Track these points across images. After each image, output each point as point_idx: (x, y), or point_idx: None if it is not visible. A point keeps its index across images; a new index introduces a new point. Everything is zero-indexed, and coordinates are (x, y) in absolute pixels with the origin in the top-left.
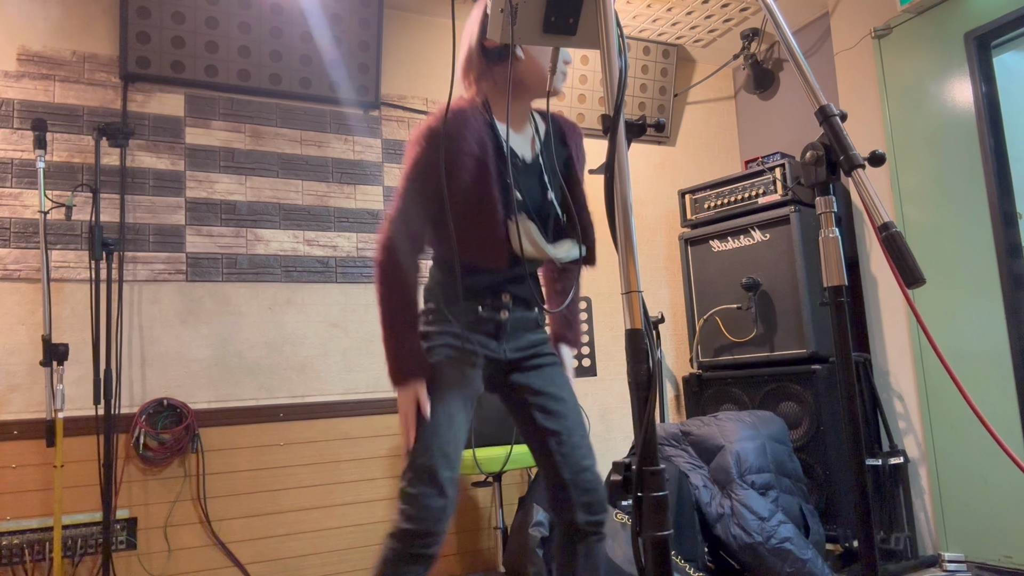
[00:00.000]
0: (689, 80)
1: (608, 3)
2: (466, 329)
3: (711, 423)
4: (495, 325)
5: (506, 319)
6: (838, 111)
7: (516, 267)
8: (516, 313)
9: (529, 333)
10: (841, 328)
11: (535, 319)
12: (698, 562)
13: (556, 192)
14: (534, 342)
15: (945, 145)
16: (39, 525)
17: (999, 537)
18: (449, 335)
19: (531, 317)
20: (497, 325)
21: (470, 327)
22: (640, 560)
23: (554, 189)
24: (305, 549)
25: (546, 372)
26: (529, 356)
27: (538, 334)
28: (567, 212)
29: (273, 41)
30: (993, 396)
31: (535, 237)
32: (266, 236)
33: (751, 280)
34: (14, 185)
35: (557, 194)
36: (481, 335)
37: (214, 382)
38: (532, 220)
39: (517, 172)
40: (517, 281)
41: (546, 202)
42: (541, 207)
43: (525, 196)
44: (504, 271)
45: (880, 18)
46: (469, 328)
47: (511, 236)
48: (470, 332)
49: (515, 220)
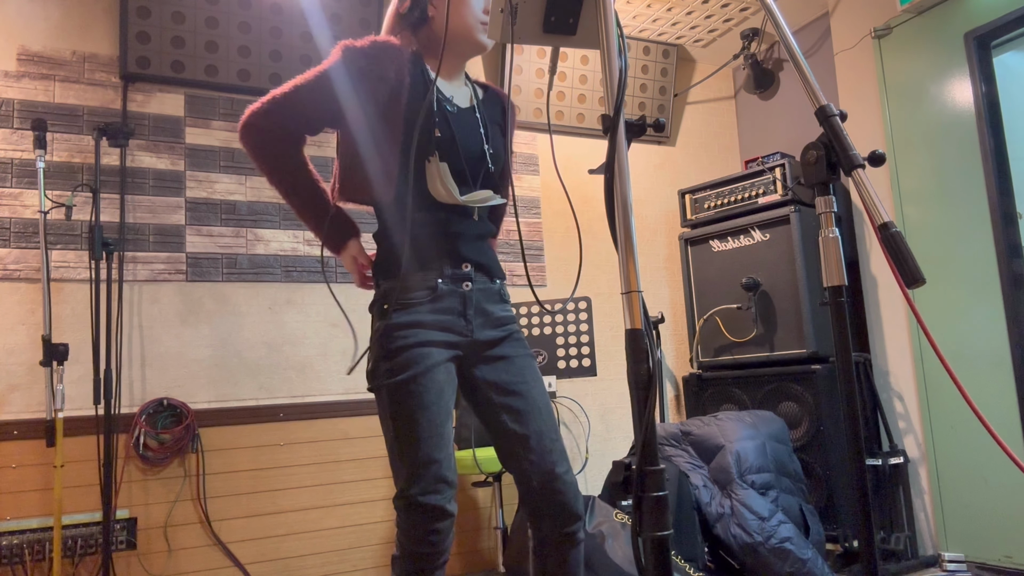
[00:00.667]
0: (689, 80)
1: (608, 3)
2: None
3: (711, 423)
4: (460, 299)
5: (470, 291)
6: (838, 111)
7: (440, 212)
8: (479, 284)
9: (495, 307)
10: (841, 328)
11: (498, 291)
12: (698, 562)
13: (493, 144)
14: (503, 319)
15: (945, 145)
16: (39, 525)
17: (999, 537)
18: (419, 328)
19: (494, 289)
20: (463, 300)
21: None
22: (640, 560)
23: (490, 142)
24: (305, 549)
25: (516, 364)
26: (499, 340)
27: (506, 309)
28: (499, 167)
29: (273, 41)
30: (993, 396)
31: (446, 180)
32: (266, 236)
33: (751, 280)
34: (14, 185)
35: (493, 146)
36: (446, 314)
37: (214, 382)
38: (447, 163)
39: (448, 116)
40: (473, 245)
41: (481, 150)
42: (472, 154)
43: (457, 139)
44: (443, 226)
45: (880, 18)
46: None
47: (428, 177)
48: (435, 313)
49: (432, 161)
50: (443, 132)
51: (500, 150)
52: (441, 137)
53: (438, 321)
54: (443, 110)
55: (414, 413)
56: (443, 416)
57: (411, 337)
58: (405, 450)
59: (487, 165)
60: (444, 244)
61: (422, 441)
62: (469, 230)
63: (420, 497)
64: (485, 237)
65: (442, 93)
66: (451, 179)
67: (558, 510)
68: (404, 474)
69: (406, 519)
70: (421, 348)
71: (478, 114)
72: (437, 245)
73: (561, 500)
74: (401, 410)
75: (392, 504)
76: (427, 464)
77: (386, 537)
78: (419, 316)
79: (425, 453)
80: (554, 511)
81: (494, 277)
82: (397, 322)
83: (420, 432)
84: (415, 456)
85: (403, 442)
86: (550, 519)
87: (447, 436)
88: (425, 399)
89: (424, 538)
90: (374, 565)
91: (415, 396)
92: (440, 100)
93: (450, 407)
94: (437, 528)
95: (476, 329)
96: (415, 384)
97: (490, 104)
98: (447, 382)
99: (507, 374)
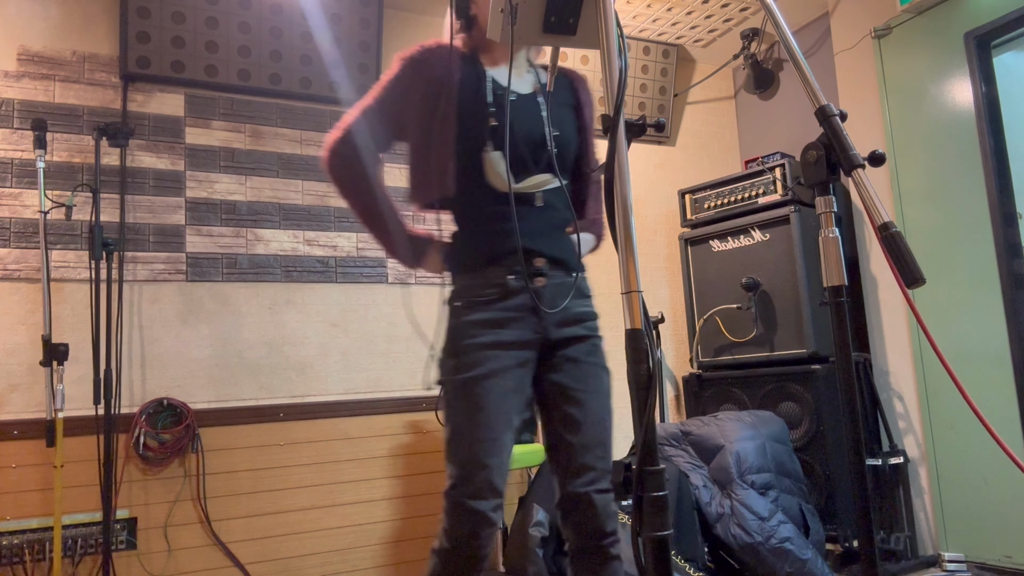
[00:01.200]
0: (689, 80)
1: (608, 3)
2: (501, 306)
3: (711, 423)
4: (533, 296)
5: (543, 286)
6: (838, 111)
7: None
8: (554, 278)
9: (572, 302)
10: (841, 328)
11: (576, 285)
12: (698, 562)
13: (559, 127)
14: (581, 315)
15: (945, 145)
16: (39, 525)
17: (999, 537)
18: (489, 327)
19: (571, 283)
20: (536, 296)
21: (504, 302)
22: (640, 560)
23: (556, 125)
24: (305, 549)
25: (582, 370)
26: (572, 339)
27: (584, 304)
28: (567, 149)
29: (273, 41)
30: (993, 396)
31: (498, 169)
32: (266, 236)
33: (751, 280)
34: (14, 185)
35: (560, 128)
36: (518, 312)
37: (214, 382)
38: (503, 151)
39: (505, 105)
40: (545, 237)
41: (541, 135)
42: (532, 140)
43: (515, 127)
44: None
45: (880, 18)
46: (504, 305)
47: (485, 168)
48: (507, 311)
49: (487, 151)
50: (499, 121)
51: (570, 132)
52: (496, 126)
53: (510, 319)
54: (499, 100)
55: (472, 414)
56: (503, 423)
57: (480, 336)
58: (457, 449)
59: (550, 149)
60: (513, 238)
61: (475, 443)
62: (539, 221)
63: (465, 500)
64: (560, 227)
65: (498, 83)
66: (504, 167)
67: (584, 525)
68: (453, 473)
69: (450, 518)
70: (489, 350)
71: (540, 99)
72: (506, 239)
73: (589, 516)
74: (459, 408)
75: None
76: (477, 467)
77: (386, 537)
78: (490, 314)
79: (476, 456)
80: (580, 525)
81: (571, 270)
82: (467, 320)
83: (475, 433)
84: (466, 457)
85: (456, 441)
86: (576, 530)
87: (504, 443)
88: (484, 401)
89: (465, 541)
90: (374, 565)
91: (475, 397)
92: (496, 90)
93: (511, 416)
94: (478, 534)
95: (550, 327)
96: (478, 385)
97: (559, 87)
98: (515, 390)
99: (572, 379)
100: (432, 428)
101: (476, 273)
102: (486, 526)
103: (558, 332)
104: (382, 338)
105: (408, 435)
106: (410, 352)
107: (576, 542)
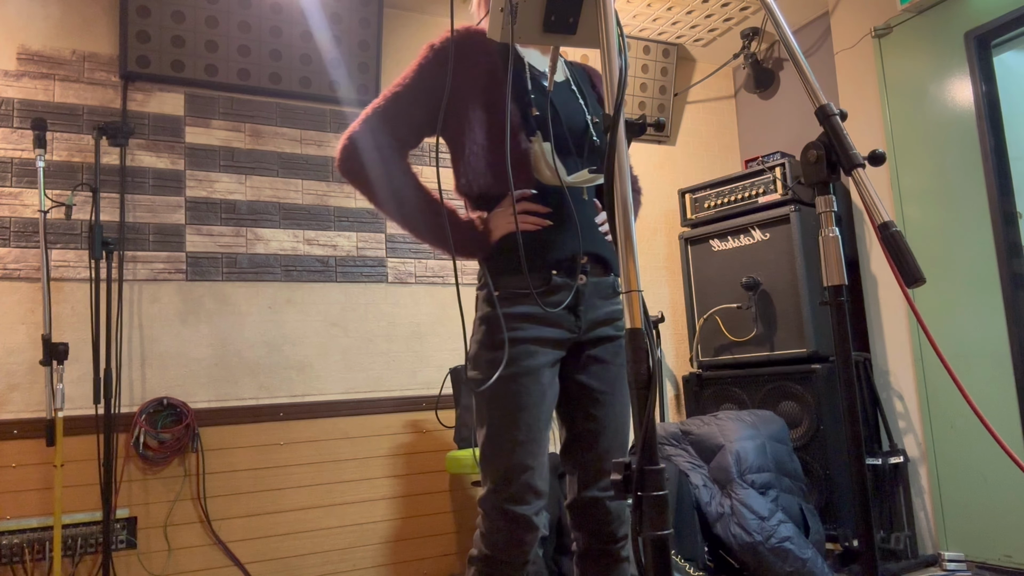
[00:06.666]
0: (689, 79)
1: (608, 2)
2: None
3: (711, 422)
4: (573, 294)
5: (584, 284)
6: (838, 110)
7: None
8: (594, 277)
9: (606, 302)
10: (841, 328)
11: (612, 285)
12: (698, 561)
13: (595, 112)
14: (612, 314)
15: (945, 145)
16: (39, 524)
17: (999, 537)
18: (529, 322)
19: (608, 283)
20: (576, 294)
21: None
22: (640, 560)
23: (593, 111)
24: (305, 549)
25: (609, 372)
26: (601, 340)
27: (616, 303)
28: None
29: (273, 40)
30: (993, 396)
31: (549, 160)
32: (266, 235)
33: (751, 279)
34: (14, 184)
35: (596, 114)
36: (558, 309)
37: (214, 381)
38: (549, 141)
39: (545, 91)
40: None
41: (584, 122)
42: (576, 127)
43: (560, 114)
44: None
45: (880, 17)
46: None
47: (532, 159)
48: (547, 307)
49: (535, 141)
50: (541, 109)
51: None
52: (540, 116)
53: (549, 316)
54: (539, 86)
55: (512, 413)
56: (543, 422)
57: (520, 331)
58: (497, 451)
59: (592, 137)
60: (560, 233)
61: (517, 444)
62: (587, 216)
63: (507, 505)
64: (598, 223)
65: (536, 69)
66: (555, 158)
67: (598, 530)
68: (493, 477)
69: (490, 525)
70: (529, 345)
71: (574, 87)
72: (552, 234)
73: (604, 521)
74: (498, 407)
75: (479, 506)
76: (520, 470)
77: (386, 537)
78: (530, 309)
79: (519, 458)
80: (593, 529)
81: (610, 271)
82: (509, 312)
83: (516, 434)
84: (507, 460)
85: (496, 442)
86: (588, 533)
87: (543, 443)
88: (525, 400)
89: (507, 547)
90: (374, 565)
91: (515, 395)
92: (535, 76)
93: (550, 413)
94: (522, 539)
95: (584, 326)
96: (516, 383)
97: (581, 78)
98: (550, 386)
99: (597, 380)
100: (432, 428)
101: (520, 267)
102: (530, 531)
103: (590, 333)
104: (382, 338)
105: (408, 434)
106: (410, 352)
107: (586, 544)
